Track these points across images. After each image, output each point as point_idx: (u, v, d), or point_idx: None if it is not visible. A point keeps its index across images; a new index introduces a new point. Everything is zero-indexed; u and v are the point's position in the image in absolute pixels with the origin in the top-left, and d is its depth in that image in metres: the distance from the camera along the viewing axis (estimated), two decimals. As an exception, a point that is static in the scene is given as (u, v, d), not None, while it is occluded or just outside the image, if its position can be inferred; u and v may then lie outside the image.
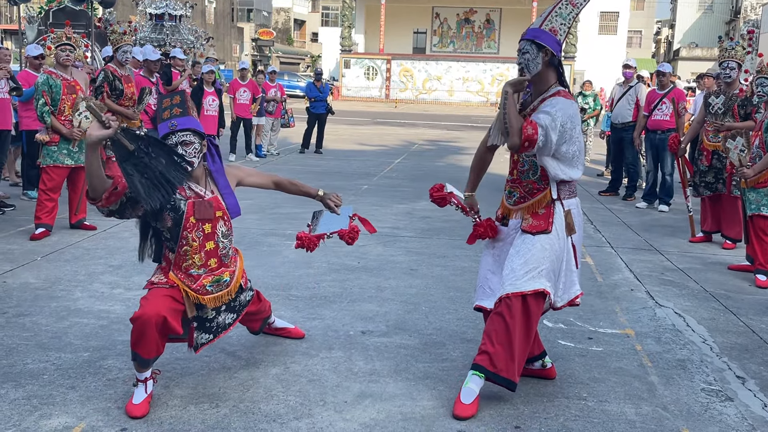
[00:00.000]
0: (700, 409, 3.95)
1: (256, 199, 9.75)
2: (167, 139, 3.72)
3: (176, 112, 3.76)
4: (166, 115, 3.77)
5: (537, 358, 4.18)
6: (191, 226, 3.76)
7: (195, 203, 3.77)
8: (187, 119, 3.75)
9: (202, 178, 3.90)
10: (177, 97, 3.80)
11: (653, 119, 10.29)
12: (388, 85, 43.43)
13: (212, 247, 3.84)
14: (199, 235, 3.79)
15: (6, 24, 37.41)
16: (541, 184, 3.86)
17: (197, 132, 3.76)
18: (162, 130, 3.75)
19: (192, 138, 3.74)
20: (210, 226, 3.82)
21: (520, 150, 3.66)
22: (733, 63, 7.86)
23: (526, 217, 3.87)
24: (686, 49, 59.27)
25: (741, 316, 5.61)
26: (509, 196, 4.02)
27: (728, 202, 7.93)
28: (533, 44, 3.75)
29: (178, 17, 19.16)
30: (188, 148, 3.72)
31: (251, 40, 56.90)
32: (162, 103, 3.84)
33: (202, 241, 3.80)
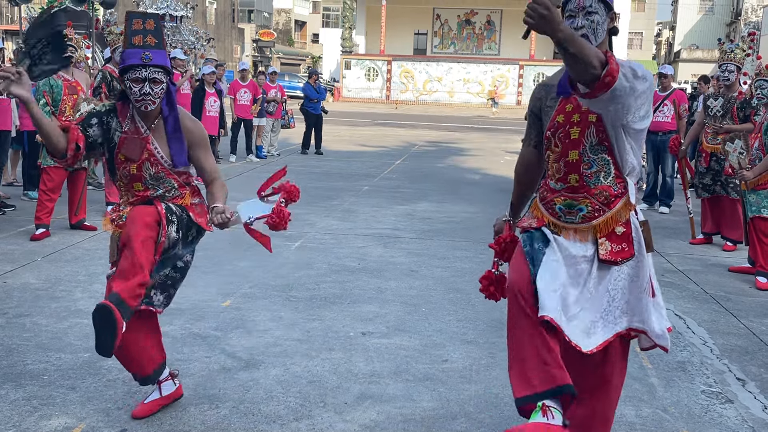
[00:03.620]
0: (701, 411, 3.95)
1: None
2: (134, 71, 3.32)
3: (150, 42, 3.34)
4: (138, 42, 3.34)
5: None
6: (119, 163, 3.49)
7: (125, 138, 3.46)
8: (161, 54, 3.38)
9: (153, 116, 3.50)
10: (151, 22, 3.37)
11: (654, 121, 10.27)
12: (389, 86, 43.44)
13: (140, 189, 3.50)
14: (125, 174, 3.50)
15: (7, 24, 37.42)
16: (618, 188, 2.95)
17: (167, 70, 3.43)
18: (130, 58, 3.32)
19: (162, 77, 3.39)
20: (135, 167, 3.47)
21: (594, 89, 2.61)
22: (732, 66, 7.86)
23: (602, 242, 2.92)
24: (687, 51, 59.27)
25: (741, 318, 5.61)
26: (568, 212, 2.97)
27: (728, 204, 7.93)
28: (601, 2, 2.90)
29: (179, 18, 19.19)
30: (156, 87, 3.37)
31: (252, 41, 56.91)
32: (132, 23, 3.36)
33: (130, 181, 3.51)
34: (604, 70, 2.55)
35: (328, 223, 8.51)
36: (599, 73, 2.56)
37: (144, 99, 3.36)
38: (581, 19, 2.87)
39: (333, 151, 16.64)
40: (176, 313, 5.10)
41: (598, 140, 2.92)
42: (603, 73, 2.55)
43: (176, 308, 5.19)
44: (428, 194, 10.88)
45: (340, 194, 10.67)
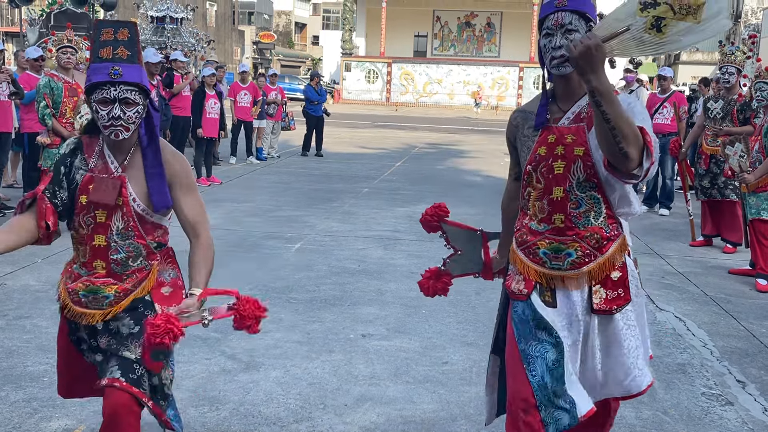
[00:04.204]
0: (701, 413, 3.95)
1: (257, 202, 9.76)
2: (100, 90, 2.67)
3: (122, 54, 2.70)
4: (105, 55, 2.68)
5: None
6: (80, 208, 2.77)
7: (93, 178, 2.76)
8: (135, 69, 2.70)
9: (126, 149, 2.80)
10: (125, 31, 2.72)
11: (654, 123, 10.28)
12: (389, 88, 43.45)
13: (102, 244, 2.78)
14: (89, 221, 2.78)
15: (7, 26, 37.46)
16: (610, 229, 2.66)
17: (144, 90, 2.74)
18: (95, 75, 2.67)
19: (137, 97, 2.70)
20: (104, 215, 2.76)
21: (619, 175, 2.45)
22: (732, 68, 7.87)
23: (596, 290, 2.65)
24: (687, 54, 59.29)
25: (741, 320, 5.61)
26: (555, 257, 2.66)
27: (727, 207, 7.94)
28: (581, 18, 2.62)
29: (179, 20, 19.18)
30: (130, 110, 2.68)
31: (252, 43, 56.95)
32: (101, 33, 2.71)
33: (91, 232, 2.78)
34: (642, 163, 2.39)
35: (328, 225, 8.51)
36: (636, 162, 2.38)
37: (113, 125, 2.67)
38: (560, 38, 2.58)
39: (333, 153, 16.64)
40: (176, 314, 5.10)
41: (586, 176, 2.61)
42: (639, 169, 2.40)
43: (176, 310, 5.20)
44: (428, 196, 10.88)
45: (340, 196, 10.67)
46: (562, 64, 2.59)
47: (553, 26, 2.61)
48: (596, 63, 2.27)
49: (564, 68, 2.59)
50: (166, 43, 18.32)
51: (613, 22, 2.42)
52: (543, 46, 2.65)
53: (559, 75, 2.65)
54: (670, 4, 2.32)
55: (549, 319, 2.64)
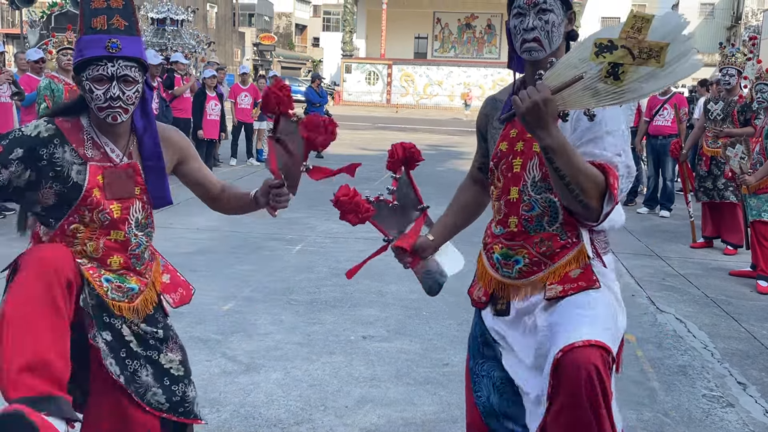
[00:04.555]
0: (702, 415, 3.95)
1: (257, 204, 9.75)
2: (95, 66, 2.34)
3: (118, 24, 2.37)
4: (99, 25, 2.35)
5: None
6: (93, 203, 2.43)
7: (106, 172, 2.45)
8: (134, 41, 2.40)
9: (124, 135, 2.52)
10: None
11: (654, 125, 10.29)
12: (389, 89, 43.45)
13: (120, 239, 2.51)
14: (104, 218, 2.46)
15: (8, 28, 37.48)
16: (566, 237, 2.35)
17: (143, 64, 2.44)
18: (90, 48, 2.34)
19: (136, 74, 2.40)
20: (119, 208, 2.49)
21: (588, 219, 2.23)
22: (732, 70, 7.87)
23: (551, 286, 2.33)
24: (687, 55, 59.33)
25: (742, 322, 5.61)
26: (505, 263, 2.43)
27: (727, 208, 7.94)
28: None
29: (179, 22, 19.20)
30: (129, 89, 2.38)
31: (253, 45, 56.98)
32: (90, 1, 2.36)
33: (106, 228, 2.48)
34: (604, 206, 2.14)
35: (328, 227, 8.51)
36: (597, 212, 2.15)
37: (111, 106, 2.37)
38: (533, 18, 2.31)
39: (333, 155, 16.61)
40: (176, 316, 5.09)
41: (542, 175, 2.33)
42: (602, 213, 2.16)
43: (176, 312, 5.18)
44: (428, 197, 10.80)
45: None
46: (534, 49, 2.32)
47: (526, 5, 2.33)
48: (545, 119, 2.02)
49: (536, 53, 2.32)
50: (167, 44, 18.34)
51: (565, 70, 2.08)
52: (513, 27, 2.37)
53: (531, 60, 2.35)
54: (629, 48, 2.03)
55: (495, 332, 2.44)
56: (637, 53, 2.02)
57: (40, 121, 2.45)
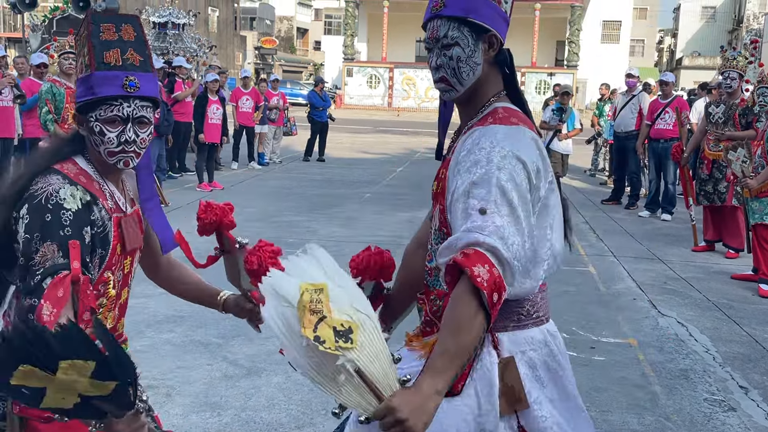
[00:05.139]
0: (703, 419, 3.94)
1: (258, 207, 9.76)
2: (109, 106, 2.06)
3: (134, 60, 2.11)
4: (113, 60, 2.08)
5: None
6: (116, 262, 2.16)
7: (122, 222, 2.16)
8: (150, 79, 2.14)
9: (118, 175, 2.24)
10: (129, 28, 2.13)
11: (656, 128, 10.29)
12: (391, 93, 43.48)
13: (125, 297, 2.28)
14: (119, 276, 2.20)
15: (10, 32, 37.57)
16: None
17: (157, 103, 2.21)
18: (104, 87, 2.06)
19: (151, 115, 2.15)
20: (129, 262, 2.24)
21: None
22: (734, 73, 7.87)
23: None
24: (689, 58, 59.36)
25: (744, 325, 5.60)
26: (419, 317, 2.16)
27: (728, 212, 7.93)
28: (463, 25, 1.93)
29: (181, 26, 19.18)
30: (143, 131, 2.11)
31: (254, 49, 57.03)
32: (100, 30, 2.09)
33: (119, 288, 2.22)
34: (484, 299, 1.61)
35: (330, 231, 8.51)
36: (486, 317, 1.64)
37: (125, 151, 2.09)
38: (437, 55, 1.97)
39: (335, 159, 16.64)
40: (178, 320, 5.10)
41: (440, 223, 2.00)
42: (489, 307, 1.62)
43: (178, 316, 5.20)
44: (430, 201, 10.89)
45: (342, 201, 10.67)
46: (444, 90, 1.99)
47: (429, 39, 2.00)
48: (428, 414, 1.59)
49: (448, 94, 2.00)
50: (168, 48, 18.34)
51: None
52: (428, 62, 2.06)
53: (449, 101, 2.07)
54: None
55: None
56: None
57: (65, 185, 2.03)
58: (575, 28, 40.21)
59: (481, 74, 1.94)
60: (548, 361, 1.93)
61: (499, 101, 1.96)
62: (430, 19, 2.00)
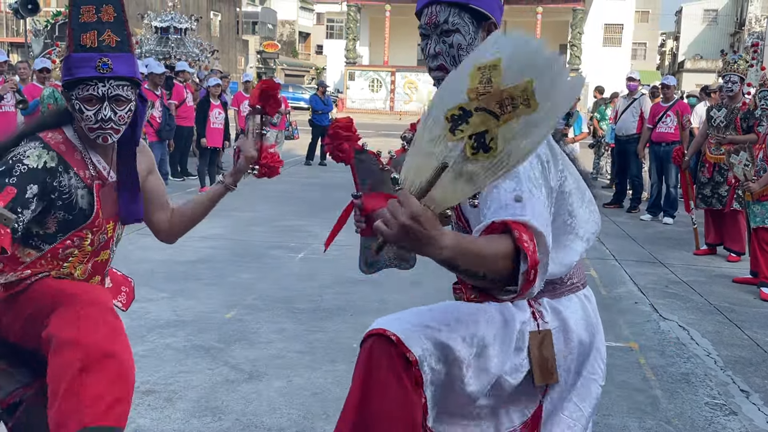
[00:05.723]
0: (704, 423, 3.93)
1: (260, 211, 9.76)
2: (85, 86, 2.22)
3: (109, 41, 2.22)
4: (89, 42, 2.21)
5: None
6: (98, 225, 2.37)
7: (102, 191, 2.37)
8: (126, 59, 2.26)
9: (109, 147, 2.41)
10: (109, 9, 2.23)
11: (657, 132, 10.30)
12: (393, 97, 43.51)
13: (105, 258, 2.47)
14: (102, 239, 2.41)
15: (12, 37, 37.64)
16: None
17: (135, 82, 2.32)
18: (79, 68, 2.22)
19: (129, 93, 2.28)
20: (111, 227, 2.43)
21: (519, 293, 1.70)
22: (735, 77, 7.88)
23: None
24: (691, 62, 59.37)
25: (746, 329, 5.59)
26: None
27: (730, 216, 7.93)
28: (463, 11, 1.93)
29: (183, 30, 19.23)
30: (121, 109, 2.26)
31: (256, 53, 57.12)
32: (79, 12, 2.21)
33: (99, 249, 2.42)
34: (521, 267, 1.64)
35: (331, 235, 8.51)
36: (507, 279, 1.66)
37: (102, 128, 2.26)
38: (435, 41, 1.97)
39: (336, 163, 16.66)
40: (179, 324, 5.11)
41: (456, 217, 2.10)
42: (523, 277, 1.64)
43: (179, 320, 5.21)
44: (432, 205, 10.89)
45: (344, 205, 10.63)
46: (441, 78, 1.96)
47: (427, 25, 1.97)
48: (425, 236, 1.52)
49: None
50: (170, 53, 18.38)
51: (422, 161, 1.57)
52: (422, 49, 2.05)
53: None
54: (487, 109, 1.54)
55: None
56: (500, 109, 1.55)
57: (37, 147, 2.26)
58: (577, 32, 40.23)
59: None
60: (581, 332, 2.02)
61: None
62: (426, 5, 1.95)
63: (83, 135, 2.35)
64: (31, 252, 2.36)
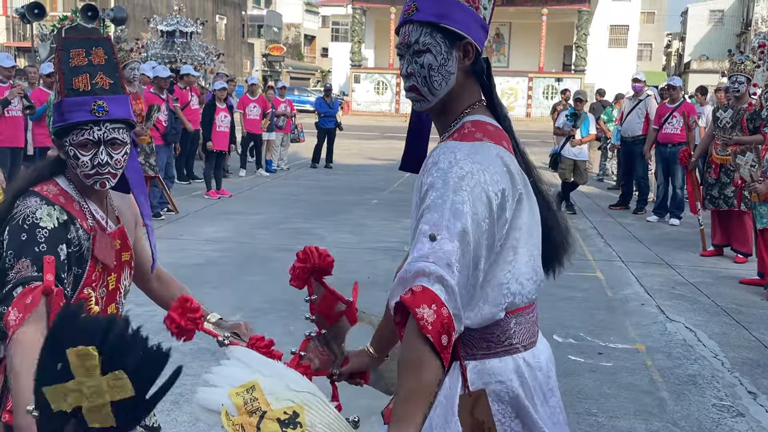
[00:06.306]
0: (711, 424, 3.93)
1: (266, 214, 9.78)
2: (80, 131, 2.13)
3: (103, 84, 2.17)
4: (82, 86, 2.14)
5: None
6: (96, 279, 2.21)
7: (97, 238, 2.21)
8: (120, 101, 2.19)
9: (103, 194, 2.30)
10: (100, 51, 2.18)
11: (664, 133, 10.27)
12: (398, 99, 43.53)
13: (113, 312, 2.34)
14: (103, 293, 2.26)
15: (19, 41, 37.80)
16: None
17: (130, 124, 2.24)
18: (73, 113, 2.13)
19: (124, 136, 2.20)
20: (114, 278, 2.29)
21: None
22: (741, 77, 7.86)
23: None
24: (697, 62, 59.21)
25: (753, 330, 5.58)
26: None
27: (736, 216, 7.91)
28: (435, 31, 1.83)
29: (188, 34, 19.27)
30: (117, 152, 2.17)
31: (262, 56, 57.24)
32: (69, 56, 2.15)
33: (104, 305, 2.28)
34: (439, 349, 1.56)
35: (337, 237, 8.52)
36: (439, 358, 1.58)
37: (99, 173, 2.16)
38: (407, 62, 1.87)
39: (342, 165, 16.67)
40: (186, 328, 5.12)
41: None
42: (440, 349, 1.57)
43: (186, 323, 5.21)
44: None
45: (350, 208, 10.68)
46: (415, 99, 1.90)
47: (401, 45, 1.89)
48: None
49: (418, 104, 1.91)
50: (176, 57, 18.44)
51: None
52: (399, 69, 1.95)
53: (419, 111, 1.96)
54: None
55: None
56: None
57: (42, 206, 2.13)
58: (582, 33, 40.17)
59: (455, 84, 1.84)
60: (519, 395, 1.79)
61: (473, 113, 1.86)
62: (402, 24, 1.88)
63: (78, 184, 2.23)
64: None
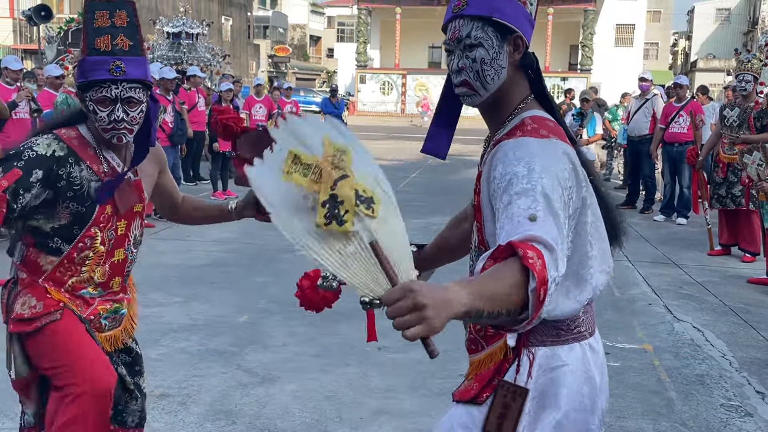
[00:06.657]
0: (720, 424, 3.91)
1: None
2: (99, 88, 2.33)
3: (122, 45, 2.34)
4: (103, 46, 2.32)
5: None
6: (104, 221, 2.46)
7: (117, 185, 2.48)
8: (138, 62, 2.37)
9: (124, 148, 2.54)
10: (123, 14, 2.34)
11: (670, 132, 10.24)
12: (404, 99, 43.54)
13: (121, 258, 2.55)
14: (111, 235, 2.49)
15: (26, 44, 37.89)
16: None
17: (147, 85, 2.42)
18: (94, 71, 2.33)
19: (141, 95, 2.39)
20: (125, 225, 2.53)
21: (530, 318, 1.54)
22: (749, 76, 7.82)
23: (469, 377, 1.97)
24: (703, 61, 59.04)
25: (761, 330, 5.55)
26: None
27: (744, 216, 7.88)
28: (487, 25, 1.83)
29: (194, 35, 19.29)
30: (133, 110, 2.37)
31: (268, 57, 57.28)
32: (94, 17, 2.33)
33: (112, 248, 2.51)
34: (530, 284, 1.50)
35: (343, 238, 8.51)
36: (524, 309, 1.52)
37: (116, 128, 2.37)
38: (458, 57, 1.86)
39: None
40: (193, 329, 5.13)
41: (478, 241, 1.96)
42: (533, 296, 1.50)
43: (193, 324, 5.23)
44: (443, 208, 10.87)
45: (356, 208, 10.66)
46: (465, 95, 1.90)
47: (450, 40, 1.89)
48: (440, 306, 1.43)
49: (470, 99, 1.90)
50: (182, 58, 18.47)
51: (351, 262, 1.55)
52: (447, 65, 1.96)
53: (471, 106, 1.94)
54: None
55: None
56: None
57: (48, 138, 2.42)
58: (588, 32, 40.12)
59: (506, 78, 1.85)
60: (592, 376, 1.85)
61: (528, 109, 1.86)
62: (451, 20, 1.88)
63: (97, 133, 2.46)
64: (52, 258, 2.47)
